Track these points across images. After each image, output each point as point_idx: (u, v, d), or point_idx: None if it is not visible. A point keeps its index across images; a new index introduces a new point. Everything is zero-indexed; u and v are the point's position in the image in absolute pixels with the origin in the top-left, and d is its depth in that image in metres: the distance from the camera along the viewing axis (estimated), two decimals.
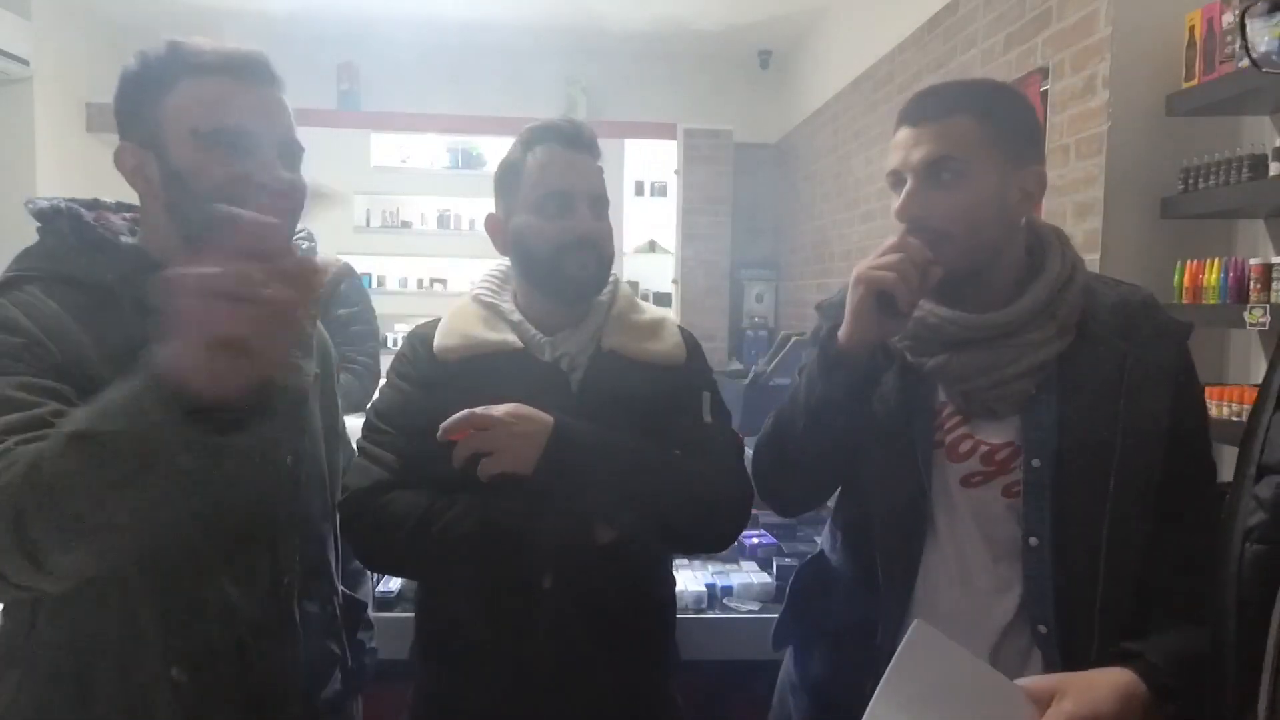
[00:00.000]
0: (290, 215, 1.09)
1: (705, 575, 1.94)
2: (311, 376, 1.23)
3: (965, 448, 1.17)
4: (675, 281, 5.71)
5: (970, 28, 3.16)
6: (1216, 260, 2.09)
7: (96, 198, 1.13)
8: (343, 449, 1.37)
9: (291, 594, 1.15)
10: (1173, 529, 1.09)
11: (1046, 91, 2.62)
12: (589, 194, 1.29)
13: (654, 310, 1.41)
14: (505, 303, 1.35)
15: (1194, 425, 1.14)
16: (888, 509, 1.20)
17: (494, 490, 1.19)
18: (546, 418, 1.19)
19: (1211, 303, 2.07)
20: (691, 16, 5.11)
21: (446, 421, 1.17)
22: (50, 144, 4.62)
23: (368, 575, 1.56)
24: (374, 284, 5.33)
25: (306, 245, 2.57)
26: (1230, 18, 2.03)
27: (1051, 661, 1.11)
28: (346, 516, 1.25)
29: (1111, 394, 1.11)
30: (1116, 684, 0.95)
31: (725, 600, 1.87)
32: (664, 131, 5.55)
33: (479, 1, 4.86)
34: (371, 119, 5.45)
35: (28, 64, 4.39)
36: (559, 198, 1.27)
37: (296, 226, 1.17)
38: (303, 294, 0.77)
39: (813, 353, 1.22)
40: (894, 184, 1.17)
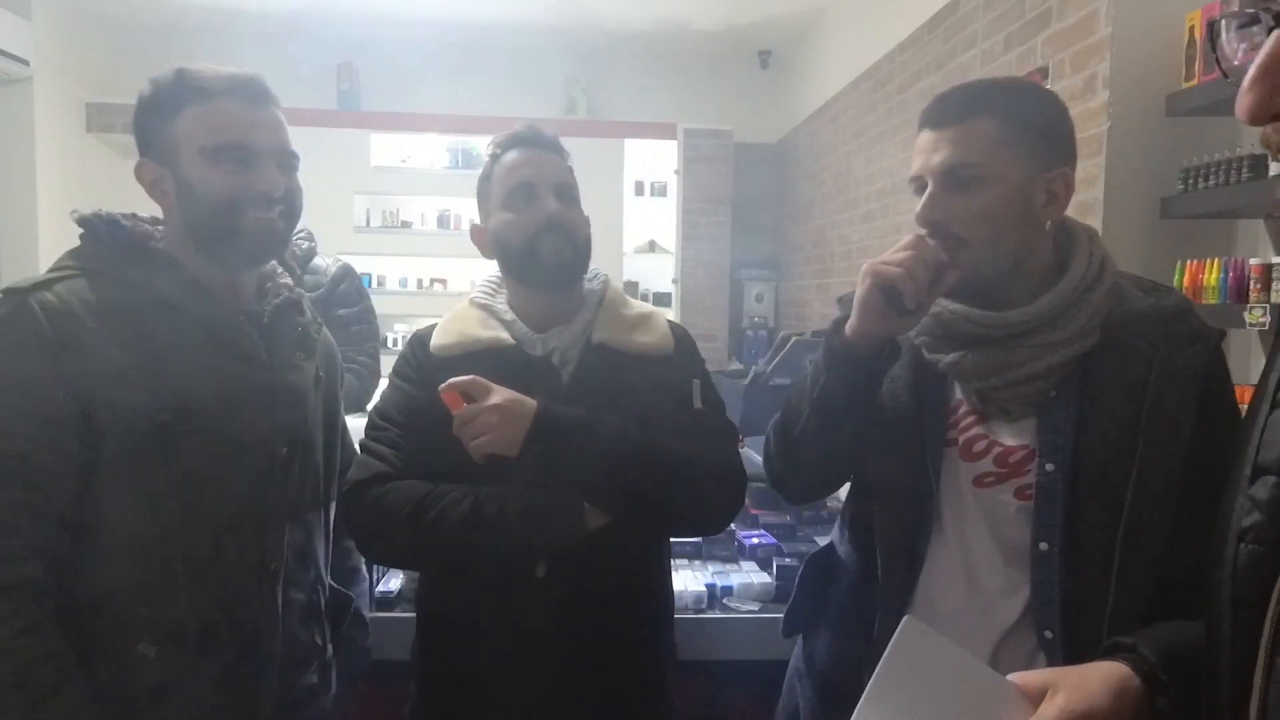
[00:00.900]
0: (289, 218, 1.25)
1: (705, 575, 1.94)
2: (313, 376, 1.32)
3: (979, 448, 1.16)
4: (675, 281, 5.71)
5: (970, 28, 3.16)
6: (1216, 260, 2.09)
7: (135, 212, 1.28)
8: (342, 449, 1.42)
9: (276, 579, 1.22)
10: (1191, 540, 1.03)
11: None
12: (553, 183, 1.36)
13: (643, 305, 1.45)
14: (499, 304, 1.41)
15: (1223, 436, 1.06)
16: (893, 505, 1.19)
17: (489, 480, 1.24)
18: (531, 401, 1.24)
19: (1211, 303, 2.07)
20: (691, 16, 5.11)
21: (450, 380, 1.24)
22: (50, 144, 4.61)
23: (363, 575, 1.58)
24: (374, 284, 5.32)
25: (306, 245, 2.57)
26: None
27: (1055, 666, 1.08)
28: (346, 506, 1.30)
29: (1135, 400, 1.08)
30: (1109, 677, 0.94)
31: (725, 600, 1.87)
32: (664, 131, 5.54)
33: (479, 1, 4.86)
34: (371, 119, 5.44)
35: (28, 64, 4.39)
36: (524, 189, 1.35)
37: (296, 227, 1.29)
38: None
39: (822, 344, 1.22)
40: (917, 189, 1.15)
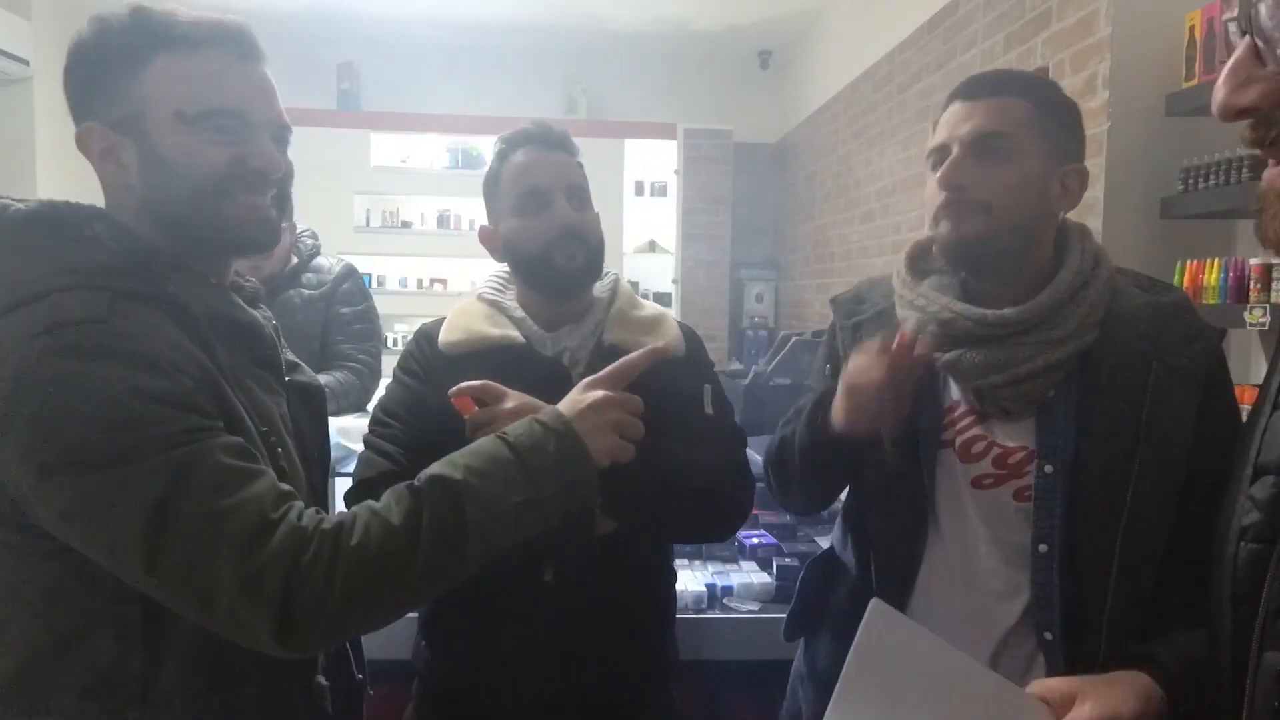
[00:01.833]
0: (282, 206, 1.05)
1: (705, 575, 1.94)
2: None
3: (978, 449, 1.15)
4: (675, 281, 5.71)
5: (970, 28, 3.16)
6: (1216, 260, 2.09)
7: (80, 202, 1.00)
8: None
9: None
10: (1193, 539, 1.02)
11: None
12: (565, 187, 1.32)
13: (654, 307, 1.43)
14: (509, 300, 1.38)
15: (1223, 435, 1.05)
16: (887, 507, 1.19)
17: None
18: (548, 407, 1.19)
19: (1211, 303, 2.07)
20: (691, 16, 5.10)
21: (462, 384, 1.15)
22: (50, 144, 4.61)
23: None
24: (374, 284, 5.32)
25: (311, 243, 2.57)
26: (1231, 17, 2.03)
27: (1055, 668, 1.09)
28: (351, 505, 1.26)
29: (1134, 399, 1.08)
30: (1134, 686, 0.94)
31: (725, 600, 1.87)
32: (664, 131, 5.54)
33: (479, 1, 4.86)
34: (371, 119, 5.44)
35: (28, 64, 4.38)
36: (536, 195, 1.31)
37: (288, 218, 1.12)
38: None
39: (808, 400, 1.24)
40: (936, 162, 1.14)
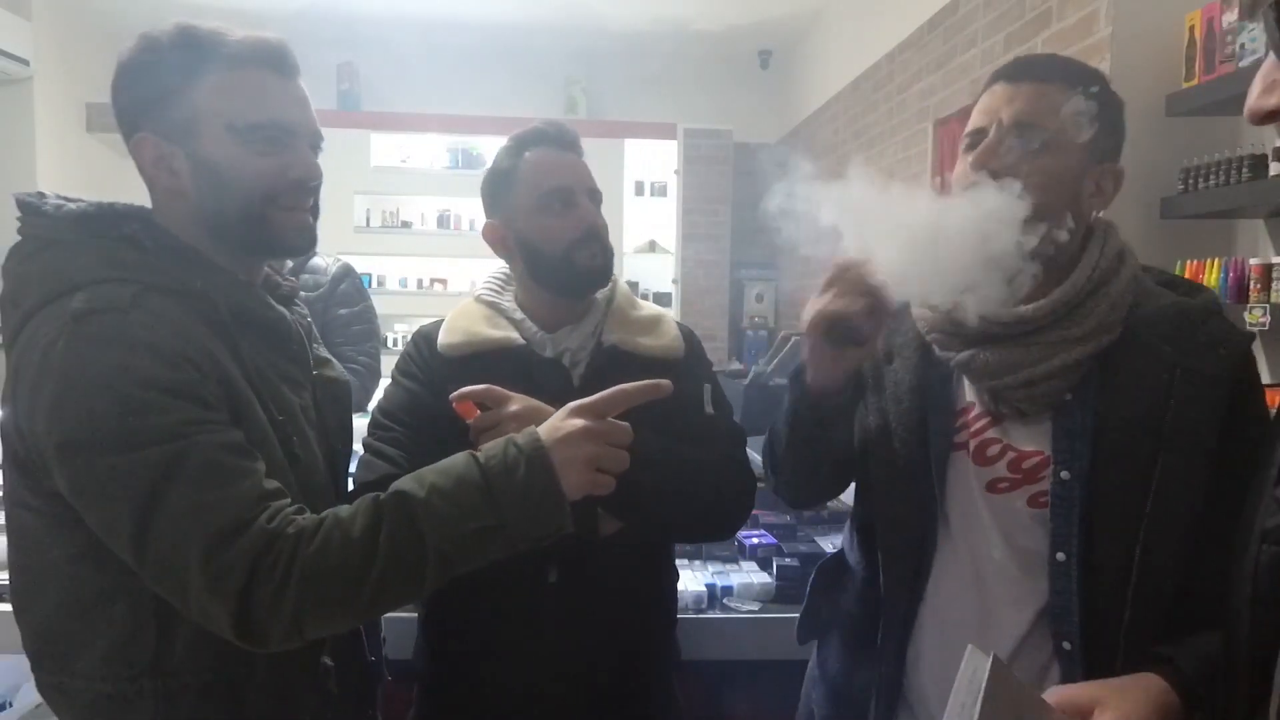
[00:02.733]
0: (317, 212, 1.12)
1: (705, 575, 1.93)
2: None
3: (993, 452, 1.11)
4: (675, 281, 5.71)
5: (970, 28, 3.15)
6: (1216, 260, 2.09)
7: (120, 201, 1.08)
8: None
9: None
10: (1214, 549, 0.95)
11: None
12: (587, 188, 1.33)
13: (652, 307, 1.43)
14: (507, 302, 1.38)
15: (1251, 443, 0.97)
16: (894, 510, 1.16)
17: None
18: (548, 409, 1.18)
19: None
20: (691, 16, 5.10)
21: (463, 389, 1.15)
22: (50, 144, 4.61)
23: None
24: (374, 284, 5.32)
25: None
26: (1231, 17, 2.03)
27: (1072, 678, 1.05)
28: None
29: (1155, 407, 1.03)
30: (1150, 691, 0.93)
31: (725, 600, 1.86)
32: (664, 131, 5.55)
33: (479, 1, 4.86)
34: (371, 119, 5.45)
35: (28, 64, 4.39)
36: (562, 194, 1.30)
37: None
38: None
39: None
40: (970, 144, 1.10)
